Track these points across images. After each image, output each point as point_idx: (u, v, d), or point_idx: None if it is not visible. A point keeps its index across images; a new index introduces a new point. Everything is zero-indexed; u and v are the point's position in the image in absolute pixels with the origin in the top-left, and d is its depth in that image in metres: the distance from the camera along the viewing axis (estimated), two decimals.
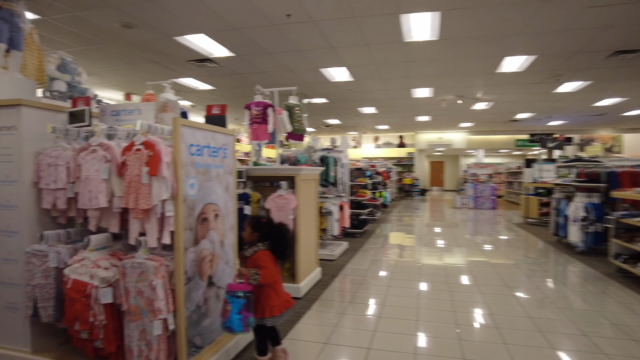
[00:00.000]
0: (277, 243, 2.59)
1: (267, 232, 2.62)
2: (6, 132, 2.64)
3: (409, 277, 5.04)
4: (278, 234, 2.62)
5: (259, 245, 2.57)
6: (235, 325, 2.32)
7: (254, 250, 2.57)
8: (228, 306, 2.32)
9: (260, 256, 2.52)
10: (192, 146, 2.54)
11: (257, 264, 2.49)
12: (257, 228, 2.63)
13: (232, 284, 2.39)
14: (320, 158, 6.06)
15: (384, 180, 11.78)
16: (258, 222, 2.65)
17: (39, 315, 2.51)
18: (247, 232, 2.62)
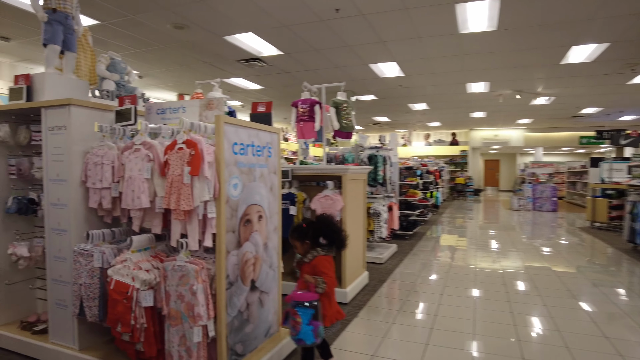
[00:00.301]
0: (331, 235, 2.44)
1: (313, 233, 2.45)
2: (57, 131, 2.67)
3: (463, 283, 4.70)
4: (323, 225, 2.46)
5: (319, 251, 2.42)
6: (307, 337, 2.20)
7: (313, 255, 2.42)
8: (298, 318, 2.19)
9: (321, 262, 2.38)
10: (235, 145, 2.43)
11: (317, 271, 2.34)
12: (303, 237, 2.48)
13: (298, 294, 2.24)
14: (368, 157, 5.83)
15: (435, 179, 11.30)
16: (300, 231, 2.49)
17: (85, 314, 2.51)
18: (298, 247, 2.49)
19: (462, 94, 11.13)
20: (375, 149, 6.03)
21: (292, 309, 2.22)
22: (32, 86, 2.87)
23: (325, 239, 2.42)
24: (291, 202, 4.12)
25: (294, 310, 2.22)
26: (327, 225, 2.46)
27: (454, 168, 18.91)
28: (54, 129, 2.68)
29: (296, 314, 2.20)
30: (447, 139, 19.77)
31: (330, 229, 2.45)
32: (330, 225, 2.46)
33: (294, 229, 2.53)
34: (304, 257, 2.48)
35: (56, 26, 2.93)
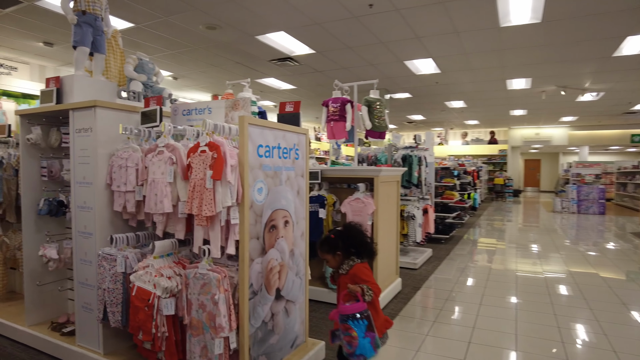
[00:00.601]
0: (359, 245, 2.25)
1: (342, 242, 2.25)
2: (84, 133, 2.65)
3: (503, 291, 4.40)
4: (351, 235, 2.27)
5: (354, 259, 2.23)
6: (367, 351, 2.01)
7: (349, 265, 2.22)
8: (353, 332, 2.00)
9: (360, 270, 2.19)
10: (260, 147, 2.31)
11: (358, 280, 2.14)
12: (334, 249, 2.26)
13: (346, 307, 2.03)
14: (402, 157, 5.60)
15: (473, 180, 10.85)
16: (330, 243, 2.27)
17: (108, 319, 2.47)
18: (330, 260, 2.28)
19: (502, 90, 10.63)
20: (409, 149, 5.79)
21: (343, 324, 2.01)
22: (62, 88, 2.88)
23: (354, 248, 2.25)
24: (320, 205, 3.98)
25: (345, 325, 2.01)
26: (355, 234, 2.27)
27: (493, 168, 18.17)
28: (81, 131, 2.66)
29: (350, 329, 2.00)
30: (485, 138, 19.03)
31: (358, 239, 2.27)
32: (358, 235, 2.28)
33: (322, 242, 2.32)
34: (338, 269, 2.29)
35: (85, 28, 2.92)
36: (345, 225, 2.34)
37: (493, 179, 17.01)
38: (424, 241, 5.95)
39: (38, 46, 7.33)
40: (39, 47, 7.36)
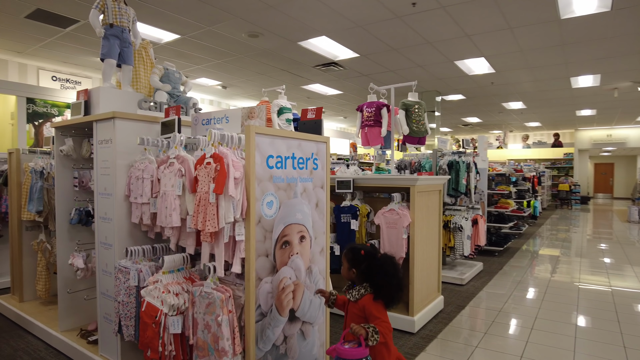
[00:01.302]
0: (380, 285, 1.90)
1: (365, 267, 1.95)
2: (105, 145, 2.67)
3: (561, 315, 3.90)
4: (381, 270, 1.91)
5: (367, 288, 1.94)
6: None
7: (360, 293, 1.94)
8: None
9: (373, 302, 1.90)
10: (270, 157, 2.17)
11: (367, 313, 1.88)
12: (354, 262, 1.98)
13: (345, 350, 1.75)
14: (448, 163, 5.23)
15: (532, 187, 10.04)
16: (356, 254, 1.99)
17: (122, 332, 2.44)
18: (345, 268, 2.03)
19: (566, 89, 9.75)
20: (456, 155, 5.40)
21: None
22: (90, 101, 2.93)
23: (373, 285, 1.93)
24: (353, 216, 3.77)
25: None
26: (385, 273, 1.91)
27: (557, 173, 16.81)
28: (102, 142, 2.68)
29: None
30: (549, 141, 17.69)
31: (383, 279, 1.90)
32: (387, 275, 1.90)
33: (352, 248, 2.04)
34: (348, 289, 2.03)
35: (113, 40, 2.97)
36: (385, 255, 2.00)
37: (557, 184, 15.70)
38: (474, 254, 5.51)
39: (97, 61, 7.79)
40: (98, 62, 7.82)
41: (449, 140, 5.78)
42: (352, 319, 1.94)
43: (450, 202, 5.34)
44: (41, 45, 6.84)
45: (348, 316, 2.00)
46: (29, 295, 3.94)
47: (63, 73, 8.54)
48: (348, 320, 1.99)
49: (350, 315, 1.96)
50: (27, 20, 5.72)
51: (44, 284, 3.74)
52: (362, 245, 2.04)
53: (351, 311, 1.96)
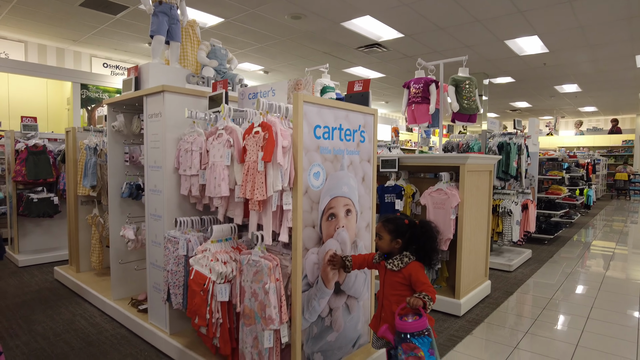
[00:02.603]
0: (424, 248, 1.92)
1: (410, 236, 1.94)
2: (155, 119, 2.72)
3: (620, 304, 3.64)
4: (424, 235, 1.93)
5: (409, 256, 1.92)
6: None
7: (404, 262, 1.91)
8: (420, 352, 1.72)
9: (417, 269, 1.89)
10: (318, 127, 2.12)
11: (413, 280, 1.87)
12: (399, 233, 1.93)
13: (408, 324, 1.74)
14: (498, 145, 4.99)
15: (587, 174, 9.44)
16: (400, 224, 1.95)
17: (171, 301, 2.51)
18: (385, 240, 1.96)
19: (630, 69, 9.03)
20: (507, 136, 5.14)
21: (408, 343, 1.73)
22: (140, 77, 3.00)
23: (418, 249, 1.94)
24: (397, 196, 3.68)
25: (410, 344, 1.72)
26: (430, 237, 1.94)
27: (614, 161, 15.73)
28: (152, 116, 2.74)
29: (416, 348, 1.72)
30: (606, 127, 16.54)
31: (430, 243, 1.93)
32: (431, 239, 1.94)
33: (390, 219, 1.98)
34: (387, 258, 1.99)
35: (161, 17, 3.01)
36: (423, 221, 1.99)
37: (614, 173, 14.71)
38: (522, 241, 5.26)
39: (145, 47, 8.03)
40: (146, 48, 8.07)
41: (498, 121, 5.50)
42: (393, 288, 1.93)
43: (499, 185, 5.11)
44: (94, 32, 7.12)
45: (387, 286, 1.97)
46: (84, 267, 4.16)
47: (113, 60, 8.89)
48: (387, 290, 1.96)
49: (391, 284, 1.94)
50: (81, 8, 5.97)
51: (97, 256, 3.93)
52: (398, 216, 2.02)
53: (392, 280, 1.94)
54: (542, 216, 7.05)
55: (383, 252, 2.02)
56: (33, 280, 4.28)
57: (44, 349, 2.74)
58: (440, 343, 2.89)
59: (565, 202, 7.52)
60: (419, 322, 1.73)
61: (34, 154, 4.67)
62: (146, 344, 2.80)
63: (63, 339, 2.89)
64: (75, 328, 3.07)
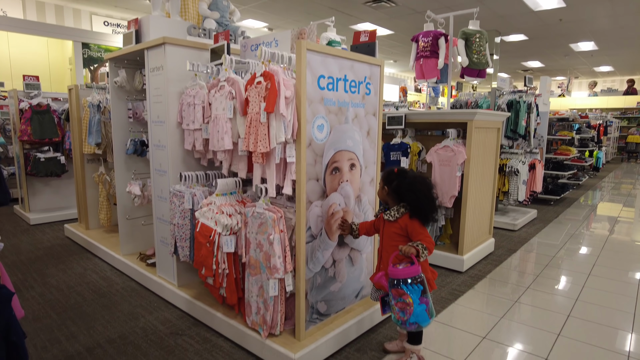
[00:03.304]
0: (410, 203, 1.91)
1: (396, 185, 1.94)
2: (157, 72, 2.67)
3: (623, 262, 3.67)
4: (410, 189, 1.90)
5: (407, 207, 1.94)
6: (422, 319, 1.75)
7: (400, 212, 1.93)
8: (408, 298, 1.73)
9: (415, 219, 1.91)
10: (322, 78, 2.06)
11: (411, 230, 1.88)
12: (387, 180, 2.00)
13: (398, 270, 1.76)
14: (507, 102, 4.88)
15: (597, 136, 9.27)
16: (389, 172, 2.02)
17: (178, 253, 2.56)
18: (380, 187, 2.06)
19: None
20: (517, 94, 5.01)
21: (397, 289, 1.75)
22: (140, 30, 2.92)
23: (407, 202, 1.93)
24: (403, 154, 3.64)
25: (399, 290, 1.74)
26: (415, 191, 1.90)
27: (627, 123, 15.41)
28: (154, 70, 2.69)
29: (404, 294, 1.73)
30: (621, 88, 16.10)
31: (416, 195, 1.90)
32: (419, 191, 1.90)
33: (386, 172, 2.05)
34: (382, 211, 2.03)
35: None
36: (415, 176, 1.96)
37: (626, 136, 14.43)
38: (528, 201, 5.25)
39: (146, 4, 7.80)
40: (147, 5, 7.83)
41: (509, 78, 5.33)
42: (391, 239, 1.94)
43: (507, 145, 5.04)
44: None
45: (385, 237, 1.99)
46: (93, 224, 4.24)
47: (114, 18, 8.68)
48: (385, 241, 1.99)
49: (389, 235, 1.96)
50: None
51: (105, 214, 3.99)
52: (393, 168, 2.03)
53: (389, 231, 1.95)
54: (549, 177, 6.99)
55: (382, 201, 2.07)
56: (45, 237, 4.38)
57: (58, 300, 2.84)
58: (442, 297, 2.95)
59: (573, 163, 7.43)
60: (409, 269, 1.75)
61: (38, 114, 4.66)
62: (155, 296, 2.89)
63: (76, 291, 2.98)
64: (86, 281, 3.16)
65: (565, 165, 7.08)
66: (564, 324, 2.56)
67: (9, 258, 3.67)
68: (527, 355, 2.22)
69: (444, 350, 2.26)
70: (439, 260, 3.54)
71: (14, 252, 3.87)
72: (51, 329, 2.45)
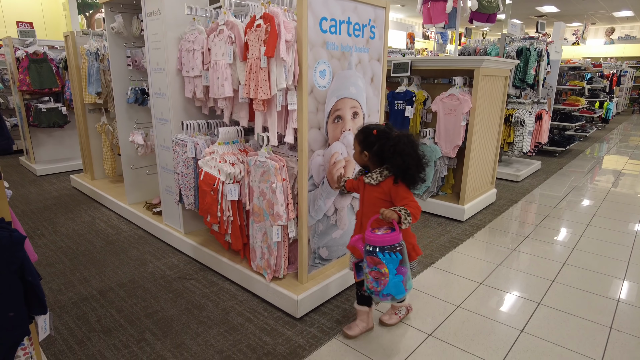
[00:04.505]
0: (397, 167, 1.68)
1: (378, 149, 1.72)
2: (154, 17, 2.58)
3: (621, 215, 3.70)
4: (396, 152, 1.66)
5: (390, 169, 1.73)
6: (397, 291, 1.59)
7: (383, 176, 1.73)
8: (384, 268, 1.57)
9: (400, 183, 1.71)
10: (324, 20, 1.98)
11: (394, 194, 1.71)
12: (366, 144, 1.76)
13: (376, 237, 1.58)
14: (517, 50, 4.71)
15: (610, 86, 9.02)
16: (367, 135, 1.76)
17: (183, 202, 2.60)
18: (356, 152, 1.82)
19: None
20: (528, 41, 4.83)
21: (372, 256, 1.58)
22: None
23: (394, 167, 1.70)
24: (408, 103, 3.58)
25: (374, 258, 1.57)
26: (401, 153, 1.66)
27: None
28: (151, 14, 2.59)
29: (380, 263, 1.57)
30: None
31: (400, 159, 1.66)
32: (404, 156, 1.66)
33: (363, 126, 1.81)
34: (362, 174, 1.83)
35: None
36: (398, 135, 1.71)
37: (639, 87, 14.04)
38: (533, 152, 5.21)
39: None
40: None
41: (521, 24, 5.09)
42: (372, 204, 1.77)
43: (514, 94, 4.93)
44: None
45: (366, 202, 1.82)
46: (98, 174, 4.28)
47: None
48: (366, 207, 1.82)
49: (370, 200, 1.79)
50: None
51: (110, 164, 4.01)
52: (376, 125, 1.78)
53: (371, 196, 1.78)
54: (555, 128, 6.90)
55: (360, 166, 1.89)
56: (52, 187, 4.45)
57: (69, 247, 2.93)
58: (441, 244, 3.01)
59: (582, 114, 7.30)
60: (388, 236, 1.58)
61: (35, 62, 4.56)
62: (162, 243, 2.97)
63: (85, 239, 3.07)
64: (95, 229, 3.25)
65: (573, 117, 6.96)
66: (559, 271, 2.62)
67: (19, 207, 3.75)
68: (522, 299, 2.30)
69: (441, 294, 2.34)
70: (439, 210, 3.59)
71: (24, 202, 3.95)
72: (64, 273, 2.55)
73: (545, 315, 2.14)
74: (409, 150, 1.67)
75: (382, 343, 1.90)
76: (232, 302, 2.22)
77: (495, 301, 2.28)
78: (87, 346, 1.87)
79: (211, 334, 1.95)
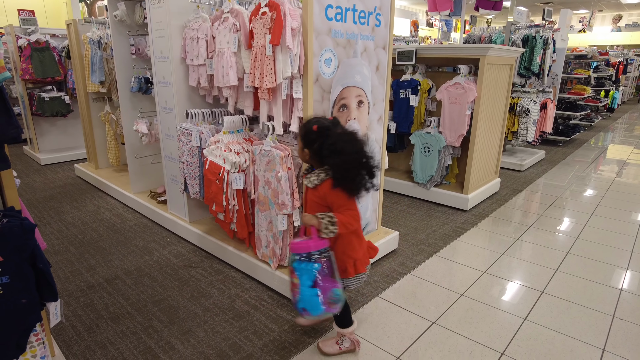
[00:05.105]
0: (333, 165, 1.49)
1: (318, 147, 1.52)
2: (157, 4, 2.56)
3: (627, 204, 3.70)
4: (335, 152, 1.45)
5: (328, 172, 1.52)
6: (312, 306, 1.44)
7: (319, 178, 1.53)
8: (295, 278, 1.46)
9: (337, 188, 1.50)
10: (329, 7, 1.97)
11: (330, 201, 1.53)
12: (306, 141, 1.55)
13: (293, 243, 1.49)
14: (523, 38, 4.66)
15: (616, 75, 8.92)
16: (308, 130, 1.54)
17: (188, 191, 2.61)
18: (299, 147, 1.62)
19: None
20: (534, 29, 4.77)
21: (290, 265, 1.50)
22: None
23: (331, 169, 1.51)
24: (413, 91, 3.56)
25: (290, 266, 1.50)
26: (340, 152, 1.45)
27: None
28: (155, 2, 2.57)
29: (292, 272, 1.48)
30: None
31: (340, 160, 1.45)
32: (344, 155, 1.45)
33: (307, 121, 1.59)
34: (306, 173, 1.63)
35: None
36: (341, 132, 1.53)
37: None
38: (537, 141, 5.19)
39: None
40: None
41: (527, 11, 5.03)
42: (310, 207, 1.61)
43: (519, 83, 4.90)
44: None
45: (307, 204, 1.66)
46: (103, 163, 4.29)
47: None
48: (307, 209, 1.66)
49: (310, 204, 1.62)
50: None
51: (114, 153, 4.02)
52: (319, 120, 1.56)
53: (310, 199, 1.61)
54: (560, 117, 6.86)
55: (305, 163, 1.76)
56: (56, 176, 4.46)
57: (75, 236, 2.96)
58: (445, 233, 3.02)
59: (587, 103, 7.24)
60: (304, 244, 1.46)
61: (37, 51, 4.54)
62: (167, 232, 2.99)
63: (91, 227, 3.09)
64: (100, 218, 3.27)
65: (578, 106, 6.91)
66: (562, 261, 2.63)
67: (25, 197, 3.77)
68: (525, 288, 2.32)
69: (444, 282, 2.36)
70: (443, 199, 3.59)
71: (29, 190, 3.97)
72: (71, 261, 2.57)
73: (548, 303, 2.16)
74: (350, 150, 1.46)
75: (386, 331, 1.92)
76: (238, 290, 2.24)
77: (498, 290, 2.29)
78: (95, 333, 1.90)
79: (217, 321, 1.97)
